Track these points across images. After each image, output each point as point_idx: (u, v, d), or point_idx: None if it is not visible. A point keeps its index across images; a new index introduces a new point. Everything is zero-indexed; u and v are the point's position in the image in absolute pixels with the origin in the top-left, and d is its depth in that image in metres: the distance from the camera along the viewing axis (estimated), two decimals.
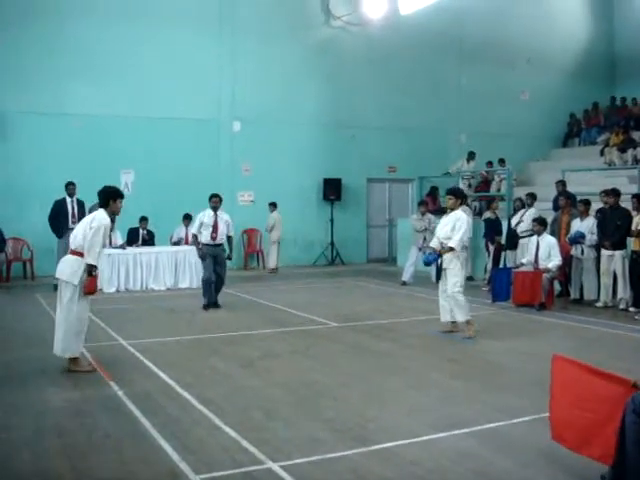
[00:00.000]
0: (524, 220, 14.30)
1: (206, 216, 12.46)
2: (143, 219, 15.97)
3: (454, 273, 9.79)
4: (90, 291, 7.84)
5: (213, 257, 12.45)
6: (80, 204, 15.21)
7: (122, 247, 15.18)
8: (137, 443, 5.61)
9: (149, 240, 15.92)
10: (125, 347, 9.24)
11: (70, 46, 17.37)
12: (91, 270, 7.70)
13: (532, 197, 14.76)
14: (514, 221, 14.72)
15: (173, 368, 7.99)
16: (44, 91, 17.20)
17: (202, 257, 12.56)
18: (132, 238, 15.75)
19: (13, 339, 9.91)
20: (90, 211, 12.42)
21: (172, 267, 15.35)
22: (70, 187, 15.06)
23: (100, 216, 7.95)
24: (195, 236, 12.63)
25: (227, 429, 5.87)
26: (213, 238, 12.39)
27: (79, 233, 7.87)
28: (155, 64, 18.20)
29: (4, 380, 7.54)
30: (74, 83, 17.36)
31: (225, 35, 19.20)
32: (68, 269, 7.84)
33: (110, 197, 8.21)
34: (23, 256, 16.76)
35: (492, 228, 15.63)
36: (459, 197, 10.21)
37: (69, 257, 7.93)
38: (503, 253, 15.23)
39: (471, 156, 20.67)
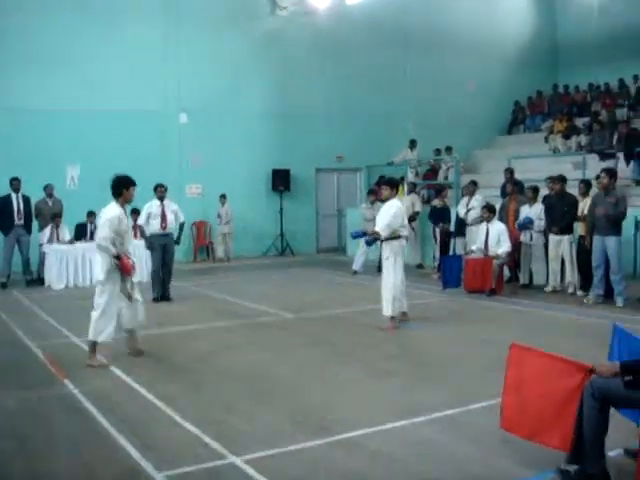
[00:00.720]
0: (474, 207, 14.46)
1: (153, 206, 12.47)
2: (90, 214, 15.69)
3: (389, 267, 9.81)
4: (127, 272, 8.09)
5: (162, 246, 12.41)
6: (26, 200, 14.96)
7: (70, 242, 14.95)
8: (96, 443, 5.55)
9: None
10: (77, 344, 9.10)
11: (11, 37, 16.96)
12: (117, 258, 7.93)
13: (474, 184, 14.98)
14: (461, 209, 14.88)
15: (128, 364, 7.90)
16: None
17: (150, 248, 12.59)
18: (80, 233, 15.51)
19: None
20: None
21: None
22: (15, 183, 14.79)
23: (105, 212, 8.22)
24: (141, 227, 12.60)
25: (187, 425, 5.84)
26: (163, 227, 12.40)
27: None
28: (100, 56, 17.85)
29: None
30: (15, 76, 16.93)
31: (170, 26, 18.96)
32: (96, 268, 8.39)
33: (123, 186, 8.42)
34: None
35: (439, 216, 15.77)
36: (393, 187, 10.21)
37: (96, 257, 8.34)
38: (452, 240, 15.39)
39: (413, 144, 20.78)
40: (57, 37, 17.38)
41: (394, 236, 9.78)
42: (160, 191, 12.60)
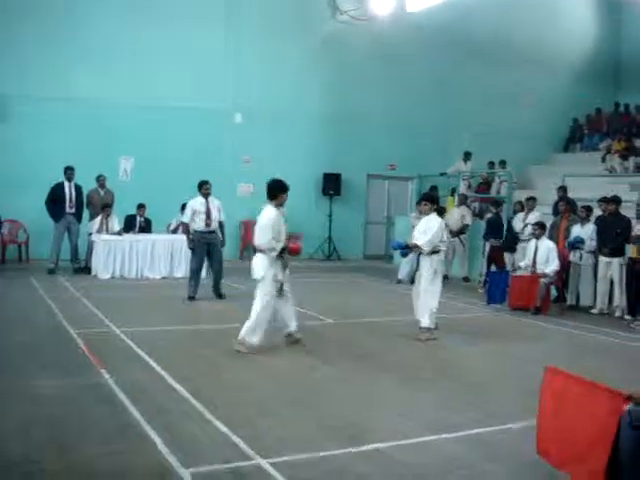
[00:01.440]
0: (531, 223, 14.26)
1: (198, 203, 12.42)
2: (141, 206, 15.88)
3: (428, 279, 9.73)
4: (297, 252, 9.18)
5: (207, 245, 12.40)
6: (78, 189, 15.21)
7: (119, 234, 15.12)
8: (126, 434, 5.56)
9: (146, 227, 15.85)
10: (118, 335, 9.18)
11: (74, 33, 17.33)
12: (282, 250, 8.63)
13: (533, 200, 14.76)
14: (517, 224, 14.67)
15: (166, 359, 7.93)
16: (46, 76, 17.11)
17: (192, 248, 12.48)
18: (129, 225, 15.67)
19: (5, 325, 9.83)
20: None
21: (168, 256, 15.27)
22: (69, 172, 15.05)
23: (264, 215, 8.71)
24: (187, 225, 12.50)
25: (218, 423, 5.82)
26: (207, 224, 12.36)
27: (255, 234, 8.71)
28: (159, 53, 18.12)
29: None
30: (76, 69, 17.28)
31: (231, 27, 19.12)
32: (254, 268, 8.67)
33: (279, 190, 9.02)
34: (19, 239, 16.70)
35: (492, 229, 15.42)
36: (433, 203, 10.28)
37: (254, 257, 8.73)
38: (510, 256, 15.14)
39: (467, 156, 20.62)
40: (121, 33, 17.75)
41: (434, 250, 9.73)
42: (205, 189, 12.53)
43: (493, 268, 14.67)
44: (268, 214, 8.69)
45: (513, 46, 22.28)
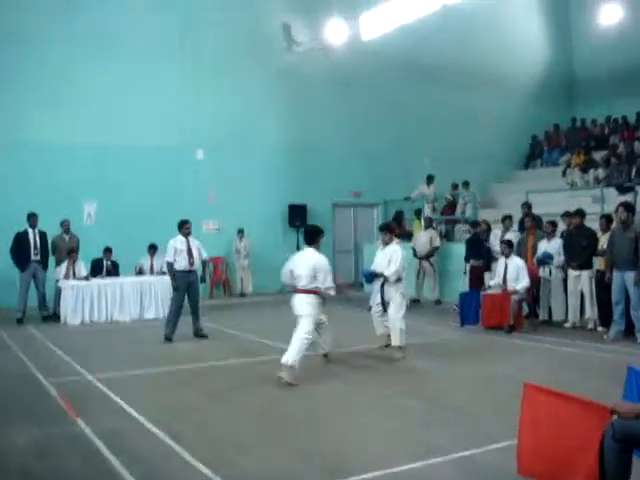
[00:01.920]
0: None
1: (178, 242, 12.24)
2: (107, 250, 15.71)
3: (397, 304, 10.29)
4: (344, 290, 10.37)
5: (187, 284, 12.25)
6: (42, 235, 15.00)
7: (86, 278, 14.93)
8: None
9: (113, 271, 15.67)
10: (91, 381, 9.02)
11: (28, 74, 17.17)
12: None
13: (509, 218, 14.80)
14: (494, 241, 14.63)
15: (141, 402, 7.80)
16: (3, 119, 16.92)
17: (176, 287, 12.26)
18: (96, 269, 15.48)
19: None
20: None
21: (137, 298, 15.12)
22: (32, 218, 14.85)
23: (319, 258, 9.19)
24: (171, 264, 12.21)
25: (199, 465, 5.71)
26: (191, 264, 12.24)
27: (303, 274, 9.05)
28: (116, 93, 18.03)
29: None
30: (31, 111, 17.09)
31: (186, 62, 19.13)
32: (302, 306, 9.18)
33: (319, 235, 9.63)
34: None
35: (472, 249, 15.32)
36: (392, 232, 10.68)
37: (301, 296, 9.18)
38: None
39: (430, 180, 20.70)
40: (75, 74, 17.57)
41: (399, 278, 10.24)
42: (186, 228, 12.37)
43: None
44: (317, 257, 9.20)
45: (469, 69, 22.59)
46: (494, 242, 14.69)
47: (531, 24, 25.29)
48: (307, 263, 9.07)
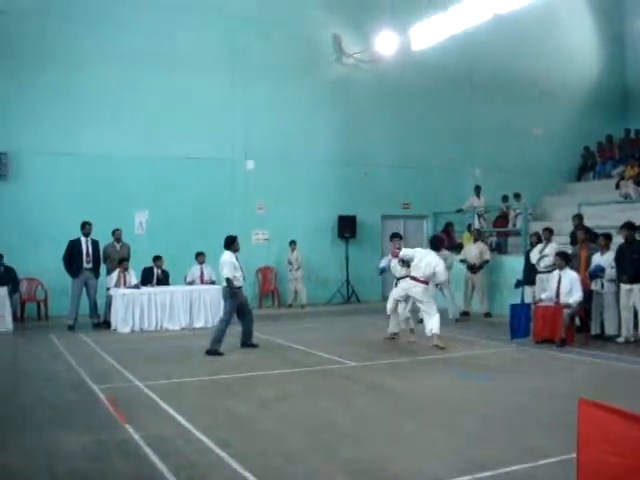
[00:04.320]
0: (548, 255, 14.14)
1: (233, 258, 12.13)
2: (157, 258, 15.86)
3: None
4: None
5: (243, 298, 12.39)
6: (95, 244, 15.24)
7: (136, 287, 15.09)
8: None
9: (164, 279, 15.80)
10: (140, 388, 9.10)
11: (84, 88, 17.57)
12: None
13: (550, 231, 14.66)
14: (534, 256, 14.56)
15: (189, 410, 7.84)
16: (57, 132, 17.39)
17: (232, 297, 12.09)
18: (147, 278, 15.62)
19: (27, 382, 9.79)
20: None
21: (187, 306, 15.24)
22: (86, 227, 15.11)
23: (436, 258, 12.27)
24: (231, 280, 11.92)
25: (246, 474, 5.70)
26: (244, 278, 12.40)
27: (428, 268, 12.07)
28: (168, 104, 18.33)
29: (18, 423, 7.42)
30: (88, 124, 17.56)
31: (237, 74, 19.30)
32: (425, 293, 12.20)
33: (442, 243, 13.19)
34: (37, 296, 16.72)
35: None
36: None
37: (417, 283, 12.20)
38: (521, 288, 15.05)
39: (478, 191, 20.56)
40: (127, 89, 18.01)
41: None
42: (237, 244, 12.32)
43: None
44: (435, 257, 12.22)
45: (519, 80, 22.40)
46: (534, 255, 14.51)
47: (584, 33, 24.92)
48: (437, 262, 12.11)
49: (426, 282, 12.03)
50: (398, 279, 13.08)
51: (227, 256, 12.09)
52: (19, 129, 17.03)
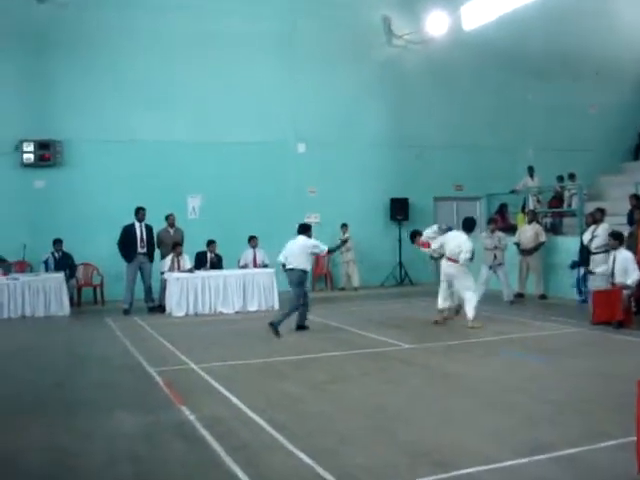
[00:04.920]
0: (598, 235, 13.89)
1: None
2: (211, 242, 15.95)
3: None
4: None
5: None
6: (149, 229, 15.39)
7: (190, 271, 15.21)
8: (211, 470, 5.50)
9: (217, 263, 15.90)
10: (195, 370, 9.19)
11: (134, 75, 17.76)
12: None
13: (601, 212, 14.38)
14: (586, 237, 14.32)
15: (243, 392, 7.88)
16: (109, 119, 17.58)
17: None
18: (200, 262, 15.74)
19: (84, 364, 9.95)
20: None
21: (240, 290, 15.32)
22: (140, 212, 15.26)
23: (463, 239, 12.43)
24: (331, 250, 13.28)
25: (301, 455, 5.71)
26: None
27: (455, 249, 12.41)
28: (218, 89, 18.41)
29: (75, 405, 7.56)
30: (139, 110, 17.72)
31: (287, 57, 19.26)
32: (463, 274, 12.50)
33: (473, 225, 13.04)
34: (93, 281, 16.99)
35: None
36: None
37: (451, 263, 12.51)
38: (577, 270, 14.81)
39: (531, 171, 20.24)
40: (179, 73, 18.14)
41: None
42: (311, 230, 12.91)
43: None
44: (466, 238, 12.41)
45: (573, 58, 21.89)
46: (586, 237, 14.25)
47: (639, 9, 24.27)
48: (469, 242, 12.34)
49: (457, 261, 12.35)
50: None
51: (304, 241, 12.60)
52: (72, 118, 17.27)
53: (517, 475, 5.30)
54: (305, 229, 12.78)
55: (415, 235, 13.78)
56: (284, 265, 12.51)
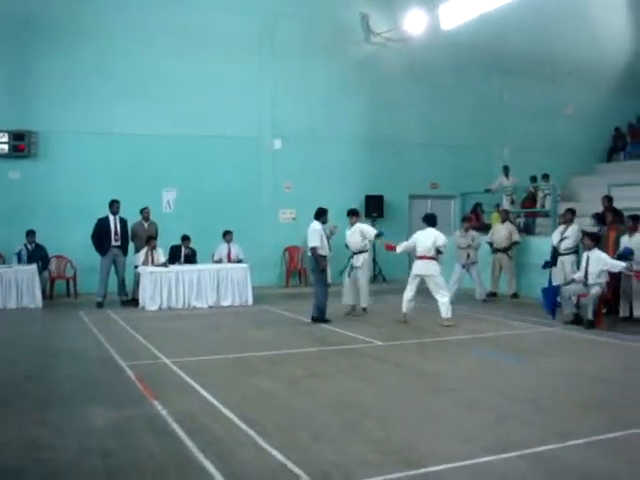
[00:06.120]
0: (568, 236, 14.02)
1: (320, 229, 12.97)
2: (185, 237, 15.93)
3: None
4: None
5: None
6: (123, 222, 15.33)
7: (164, 265, 15.16)
8: (182, 465, 5.51)
9: (191, 258, 15.89)
10: (168, 365, 9.18)
11: (113, 68, 17.61)
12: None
13: (572, 212, 14.48)
14: (555, 237, 14.42)
15: (216, 387, 7.90)
16: (86, 111, 17.43)
17: (324, 269, 12.85)
18: (174, 256, 15.72)
19: (56, 358, 9.90)
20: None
21: (214, 285, 15.29)
22: (115, 205, 15.19)
23: (440, 234, 12.60)
24: (315, 248, 12.76)
25: (273, 451, 5.74)
26: (330, 249, 13.14)
27: (428, 244, 12.46)
28: (196, 84, 18.31)
29: (47, 400, 7.53)
30: (116, 103, 17.59)
31: (265, 53, 19.25)
32: (434, 268, 12.48)
33: (435, 220, 13.13)
34: (66, 274, 16.88)
35: None
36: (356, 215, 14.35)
37: (426, 261, 12.47)
38: (549, 270, 14.94)
39: (506, 171, 20.38)
40: (157, 69, 18.03)
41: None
42: (327, 216, 13.31)
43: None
44: (439, 234, 12.56)
45: (550, 59, 22.07)
46: (555, 237, 14.37)
47: (615, 12, 24.41)
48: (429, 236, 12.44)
49: (433, 258, 12.42)
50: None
51: (316, 225, 12.91)
52: (48, 108, 17.13)
53: (486, 472, 5.36)
54: (319, 214, 13.27)
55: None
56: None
